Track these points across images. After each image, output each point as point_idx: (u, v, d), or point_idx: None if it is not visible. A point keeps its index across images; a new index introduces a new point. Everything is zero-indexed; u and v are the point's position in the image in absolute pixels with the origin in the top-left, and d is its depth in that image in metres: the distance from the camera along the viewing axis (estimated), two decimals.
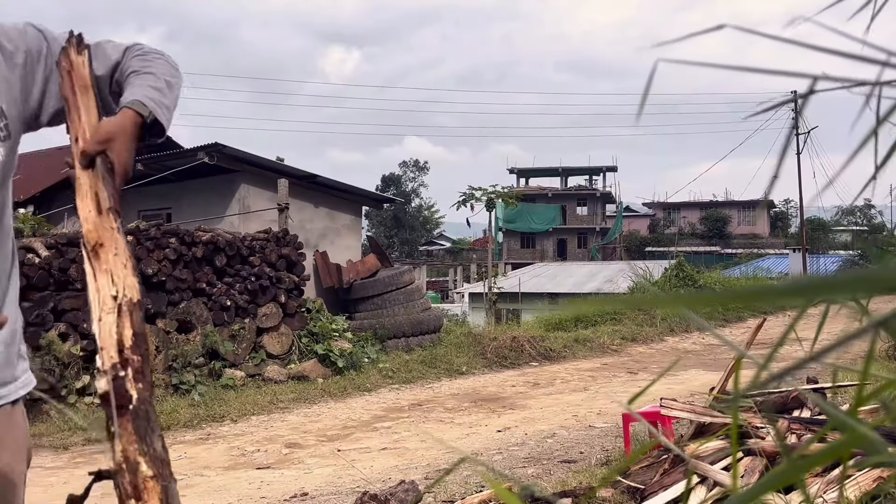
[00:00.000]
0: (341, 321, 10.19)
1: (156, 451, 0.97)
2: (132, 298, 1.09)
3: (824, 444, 0.35)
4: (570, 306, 15.08)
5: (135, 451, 0.95)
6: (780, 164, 0.51)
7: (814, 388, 4.55)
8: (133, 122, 1.29)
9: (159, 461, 0.96)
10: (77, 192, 1.21)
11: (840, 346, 0.33)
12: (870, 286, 0.31)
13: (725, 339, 0.50)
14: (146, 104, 1.33)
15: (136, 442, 0.95)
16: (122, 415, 0.97)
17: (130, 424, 0.97)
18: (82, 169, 1.23)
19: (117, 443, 0.95)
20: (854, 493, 2.69)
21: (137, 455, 0.94)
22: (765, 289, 0.34)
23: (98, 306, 1.07)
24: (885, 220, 45.22)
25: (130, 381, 1.01)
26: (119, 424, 0.96)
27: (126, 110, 1.30)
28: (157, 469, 0.95)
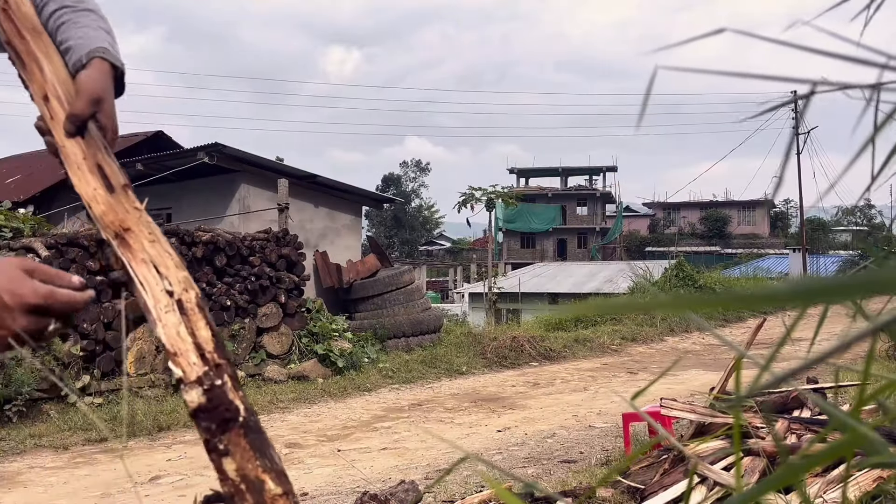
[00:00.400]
0: (341, 321, 10.19)
1: (277, 465, 0.87)
2: (192, 292, 0.93)
3: (825, 445, 0.35)
4: (570, 308, 15.08)
5: (255, 468, 0.84)
6: (785, 168, 0.51)
7: (814, 388, 4.56)
8: (111, 77, 1.08)
9: (283, 476, 0.86)
10: (67, 166, 1.01)
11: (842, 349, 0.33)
12: (869, 288, 0.31)
13: (725, 340, 0.50)
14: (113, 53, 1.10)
15: (255, 458, 0.85)
16: (231, 429, 0.86)
17: (244, 439, 0.86)
18: (69, 136, 1.01)
19: (229, 461, 0.84)
20: (854, 493, 2.69)
21: (260, 472, 0.84)
22: (766, 292, 0.34)
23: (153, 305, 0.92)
24: (885, 220, 45.23)
25: (231, 390, 0.88)
26: (229, 441, 0.85)
27: (100, 62, 1.07)
28: (284, 485, 0.85)
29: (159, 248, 0.96)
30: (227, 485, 0.84)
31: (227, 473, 0.84)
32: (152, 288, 0.93)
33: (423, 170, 57.66)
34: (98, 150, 1.00)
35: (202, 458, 4.23)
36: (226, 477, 0.84)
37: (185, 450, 6.03)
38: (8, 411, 6.57)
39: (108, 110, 1.05)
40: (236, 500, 0.83)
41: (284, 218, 10.12)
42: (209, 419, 0.86)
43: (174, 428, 6.78)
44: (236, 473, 0.84)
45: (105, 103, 1.04)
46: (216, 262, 8.71)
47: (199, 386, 0.87)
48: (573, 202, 49.31)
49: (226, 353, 0.91)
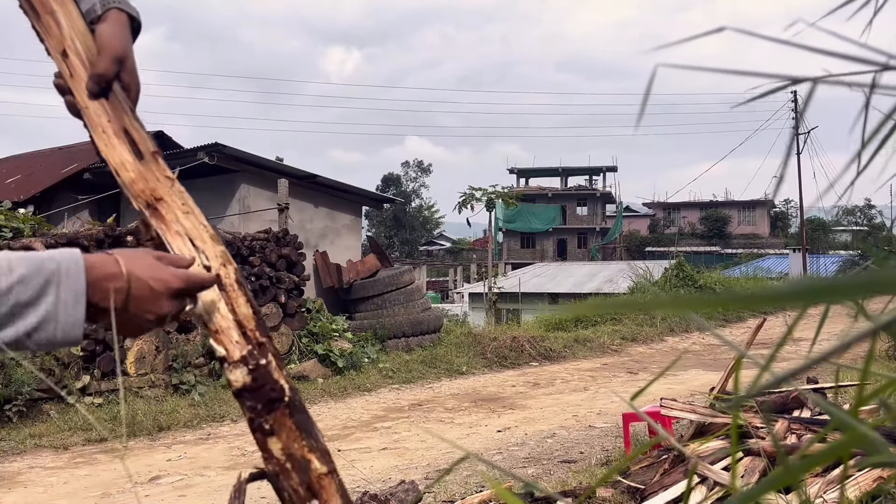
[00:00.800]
0: (341, 321, 10.19)
1: (322, 444, 0.86)
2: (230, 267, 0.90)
3: (825, 444, 0.35)
4: (570, 308, 15.09)
5: (301, 447, 0.84)
6: (785, 167, 0.51)
7: (814, 388, 4.56)
8: (129, 29, 1.00)
9: (327, 454, 0.86)
10: (91, 129, 0.94)
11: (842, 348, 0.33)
12: (870, 288, 0.31)
13: (726, 340, 0.50)
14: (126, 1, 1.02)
15: (302, 438, 0.84)
16: (276, 409, 0.84)
17: (290, 419, 0.84)
18: (92, 98, 0.94)
19: (274, 441, 0.83)
20: (854, 493, 2.69)
21: (306, 452, 0.84)
22: (766, 291, 0.34)
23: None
24: (885, 220, 45.21)
25: (276, 370, 0.86)
26: (275, 421, 0.84)
27: (117, 13, 0.99)
28: (329, 464, 0.85)
29: (194, 219, 0.92)
30: (272, 463, 0.83)
31: (273, 453, 0.83)
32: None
33: (424, 170, 57.68)
34: (124, 113, 0.94)
35: (202, 458, 4.26)
36: (271, 456, 0.84)
37: (185, 450, 6.03)
38: (8, 411, 6.57)
39: (130, 67, 0.98)
40: (281, 478, 0.83)
41: (284, 218, 10.12)
42: (254, 399, 0.85)
43: (174, 428, 6.78)
44: (282, 453, 0.83)
45: (128, 60, 0.97)
46: None
47: (243, 365, 0.85)
48: (573, 202, 49.30)
49: (267, 331, 0.89)
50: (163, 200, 0.91)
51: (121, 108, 0.94)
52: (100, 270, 0.81)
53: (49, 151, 17.71)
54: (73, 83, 0.94)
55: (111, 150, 0.92)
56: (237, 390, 0.86)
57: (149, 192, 0.91)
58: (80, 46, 0.94)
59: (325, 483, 0.83)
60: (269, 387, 0.85)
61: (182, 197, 0.93)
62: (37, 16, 0.95)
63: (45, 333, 0.77)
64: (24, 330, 0.76)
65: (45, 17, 0.94)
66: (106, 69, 0.94)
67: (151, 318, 0.84)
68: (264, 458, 0.84)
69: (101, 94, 0.94)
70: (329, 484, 0.83)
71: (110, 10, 0.98)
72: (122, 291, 0.81)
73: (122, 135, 0.93)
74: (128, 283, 0.81)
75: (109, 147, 0.92)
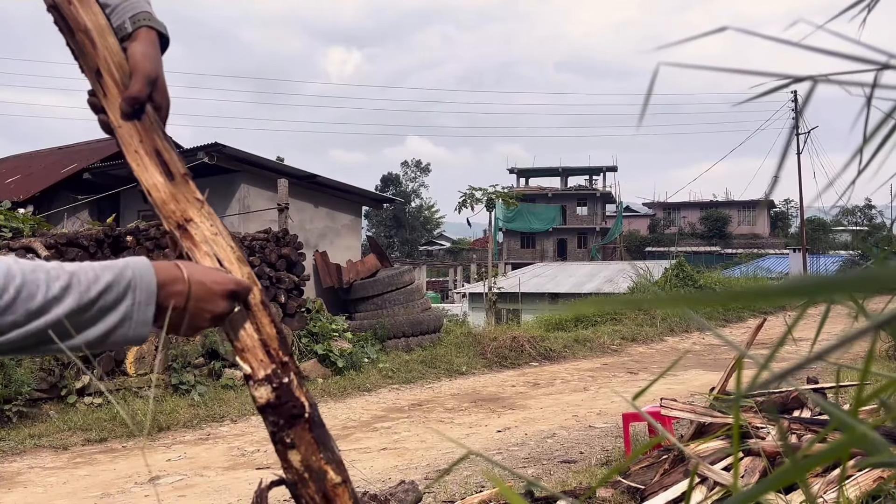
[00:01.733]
0: (341, 321, 10.19)
1: (337, 456, 0.93)
2: (255, 288, 0.94)
3: (825, 444, 0.35)
4: (570, 307, 15.09)
5: (318, 459, 0.91)
6: (781, 165, 0.51)
7: (814, 388, 4.55)
8: (159, 48, 1.00)
9: (341, 465, 0.93)
10: (124, 148, 0.95)
11: (841, 347, 0.33)
12: (869, 286, 0.31)
13: (726, 339, 0.50)
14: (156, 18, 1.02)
15: (319, 451, 0.91)
16: (297, 424, 0.90)
17: (309, 434, 0.91)
18: (125, 118, 0.95)
19: (294, 453, 0.89)
20: (854, 493, 2.69)
21: (323, 463, 0.91)
22: (765, 289, 0.34)
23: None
24: (885, 220, 45.19)
25: (297, 388, 0.92)
26: (296, 435, 0.90)
27: (147, 31, 0.99)
28: (343, 474, 0.92)
29: (222, 241, 0.96)
30: (291, 473, 0.89)
31: (292, 463, 0.89)
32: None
33: (424, 170, 57.67)
34: (156, 134, 0.96)
35: (202, 458, 4.26)
36: (290, 466, 0.89)
37: (185, 450, 6.03)
38: (8, 411, 6.57)
39: (162, 88, 0.99)
40: (299, 487, 0.89)
41: (284, 218, 10.12)
42: (277, 414, 0.90)
43: (174, 428, 6.78)
44: (301, 464, 0.89)
45: (160, 80, 0.98)
46: None
47: (267, 384, 0.90)
48: (573, 202, 49.30)
49: (289, 349, 0.93)
50: (193, 221, 0.95)
51: (153, 130, 0.96)
52: (166, 274, 0.88)
53: (49, 151, 17.71)
54: (107, 103, 0.95)
55: (143, 172, 0.95)
56: (261, 406, 0.90)
57: (179, 214, 0.95)
58: (114, 66, 0.95)
59: (339, 492, 0.90)
60: (290, 404, 0.90)
61: (211, 218, 0.97)
62: (71, 33, 0.95)
63: (121, 332, 0.85)
64: (104, 329, 0.84)
65: (78, 35, 0.94)
66: (139, 91, 0.95)
67: (208, 317, 0.90)
68: (284, 467, 0.90)
69: (135, 116, 0.95)
70: (343, 492, 0.90)
71: (141, 28, 0.99)
72: (183, 294, 0.88)
73: (154, 156, 0.95)
74: (189, 285, 0.88)
75: (142, 168, 0.95)
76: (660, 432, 0.50)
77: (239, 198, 11.68)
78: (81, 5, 0.94)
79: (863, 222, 46.90)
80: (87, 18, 0.94)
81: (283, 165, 12.64)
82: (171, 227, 0.95)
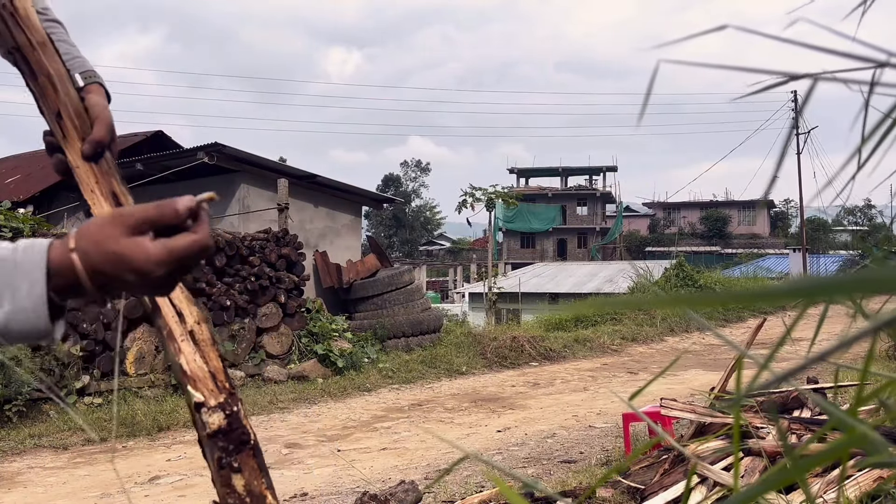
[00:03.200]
0: (341, 321, 10.19)
1: (271, 483, 0.97)
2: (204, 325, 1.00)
3: (825, 444, 0.35)
4: (570, 307, 15.09)
5: (260, 484, 0.95)
6: (780, 164, 0.51)
7: (814, 387, 4.55)
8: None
9: (274, 491, 0.98)
10: (82, 187, 1.00)
11: (842, 347, 0.33)
12: (868, 286, 0.31)
13: (726, 339, 0.50)
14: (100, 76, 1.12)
15: (262, 476, 0.96)
16: (244, 451, 0.95)
17: (253, 460, 0.96)
18: (86, 160, 1.01)
19: (238, 478, 0.94)
20: (854, 493, 2.69)
21: (263, 488, 0.95)
22: (765, 289, 0.34)
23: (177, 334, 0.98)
24: (885, 220, 45.19)
25: (244, 416, 0.97)
26: (241, 461, 0.95)
27: (98, 87, 1.08)
28: (276, 501, 0.97)
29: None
30: (234, 498, 0.94)
31: (236, 488, 0.94)
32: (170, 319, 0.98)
33: (424, 170, 57.68)
34: (113, 178, 1.02)
35: (202, 458, 4.20)
36: (233, 491, 0.94)
37: (185, 450, 6.03)
38: (8, 411, 6.57)
39: (115, 137, 1.06)
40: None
41: (284, 218, 10.12)
42: (227, 440, 0.95)
43: (174, 428, 6.77)
44: (244, 489, 0.94)
45: (114, 130, 1.05)
46: (216, 262, 8.70)
47: (220, 411, 0.95)
48: (573, 202, 49.30)
49: (232, 382, 1.00)
50: None
51: (109, 173, 1.02)
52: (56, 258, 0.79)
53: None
54: (66, 143, 1.02)
55: (99, 209, 1.00)
56: (212, 432, 0.95)
57: None
58: (73, 111, 1.02)
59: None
60: (240, 430, 0.96)
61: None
62: (33, 77, 1.00)
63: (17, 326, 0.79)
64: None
65: (41, 79, 1.00)
66: (103, 136, 1.02)
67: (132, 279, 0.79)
68: (225, 493, 0.94)
69: (95, 159, 1.01)
70: None
71: (94, 84, 1.08)
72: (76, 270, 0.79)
73: (111, 198, 1.01)
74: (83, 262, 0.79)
75: (98, 206, 1.00)
76: (658, 433, 0.50)
77: (239, 198, 11.67)
78: (45, 53, 1.00)
79: (863, 222, 46.90)
80: (50, 65, 1.01)
81: (283, 165, 12.65)
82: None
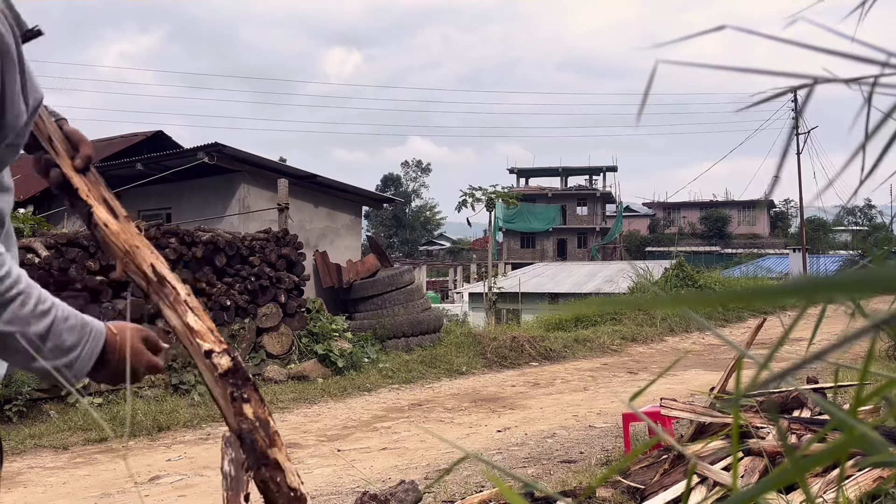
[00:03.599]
0: (341, 321, 10.19)
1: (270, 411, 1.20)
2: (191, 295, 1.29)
3: (825, 444, 0.35)
4: (570, 307, 15.09)
5: (263, 411, 1.16)
6: (781, 165, 0.51)
7: (814, 387, 4.55)
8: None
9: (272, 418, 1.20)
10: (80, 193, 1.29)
11: (842, 346, 0.33)
12: (869, 286, 0.31)
13: (727, 339, 0.50)
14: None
15: (263, 405, 1.17)
16: (248, 385, 1.17)
17: (255, 393, 1.17)
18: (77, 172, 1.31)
19: (248, 407, 1.15)
20: (854, 492, 2.69)
21: (266, 414, 1.17)
22: (765, 289, 0.34)
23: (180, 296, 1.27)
24: (885, 220, 45.19)
25: (241, 359, 1.23)
26: (248, 393, 1.17)
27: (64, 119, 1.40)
28: (275, 424, 1.19)
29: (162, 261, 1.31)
30: (248, 423, 1.15)
31: (247, 415, 1.15)
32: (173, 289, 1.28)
33: (424, 170, 57.68)
34: (101, 187, 1.33)
35: (202, 458, 4.24)
36: (246, 417, 1.15)
37: (185, 450, 6.03)
38: (8, 411, 6.57)
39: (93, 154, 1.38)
40: (255, 434, 1.14)
41: (284, 218, 10.12)
42: (235, 378, 1.18)
43: (174, 428, 6.77)
44: (253, 415, 1.16)
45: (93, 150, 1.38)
46: (216, 262, 8.70)
47: (227, 355, 1.20)
48: (573, 202, 49.29)
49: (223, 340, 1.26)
50: (138, 247, 1.30)
51: (97, 183, 1.33)
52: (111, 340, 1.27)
53: None
54: (59, 160, 1.32)
55: (97, 209, 1.30)
56: (223, 372, 1.18)
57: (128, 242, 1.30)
58: (56, 137, 1.33)
59: (277, 437, 1.17)
60: (243, 370, 1.19)
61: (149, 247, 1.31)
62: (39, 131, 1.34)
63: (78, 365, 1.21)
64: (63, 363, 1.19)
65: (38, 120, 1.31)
66: (90, 153, 1.34)
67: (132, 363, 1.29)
68: (239, 420, 1.15)
69: (85, 171, 1.33)
70: (279, 438, 1.17)
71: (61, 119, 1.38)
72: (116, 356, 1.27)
73: (103, 202, 1.31)
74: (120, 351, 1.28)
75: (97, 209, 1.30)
76: (658, 433, 0.50)
77: (239, 198, 11.67)
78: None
79: (863, 222, 46.89)
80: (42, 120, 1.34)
81: (283, 165, 12.64)
82: (119, 252, 1.28)
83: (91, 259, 7.52)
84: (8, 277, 1.10)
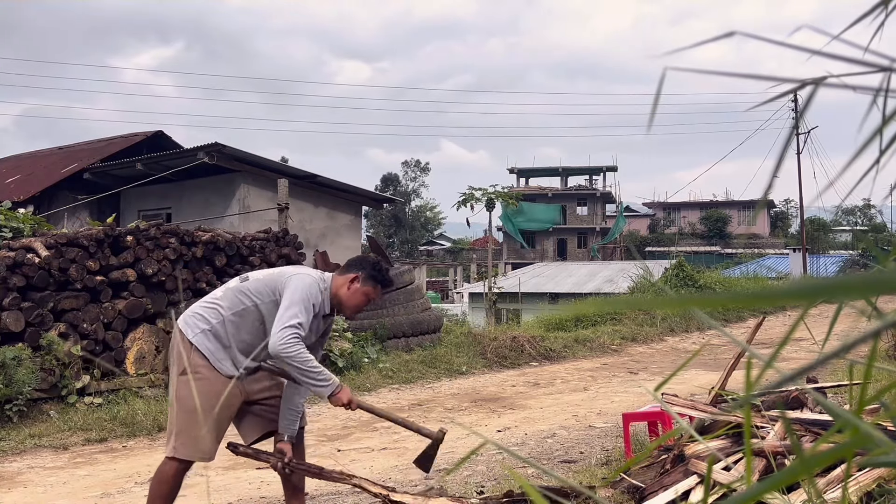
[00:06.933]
0: (341, 321, 10.18)
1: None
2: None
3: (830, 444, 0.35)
4: (570, 307, 15.08)
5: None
6: (779, 164, 0.51)
7: (814, 387, 4.56)
8: None
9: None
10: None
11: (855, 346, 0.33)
12: (871, 288, 0.31)
13: (732, 338, 0.51)
14: None
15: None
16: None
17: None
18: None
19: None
20: (855, 492, 2.69)
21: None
22: (766, 290, 0.34)
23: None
24: (885, 220, 45.20)
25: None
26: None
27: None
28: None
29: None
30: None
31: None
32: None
33: (424, 170, 57.68)
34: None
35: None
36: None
37: None
38: (8, 411, 6.57)
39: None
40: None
41: (284, 218, 10.12)
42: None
43: None
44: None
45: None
46: (216, 262, 8.70)
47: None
48: (573, 202, 49.28)
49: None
50: None
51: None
52: (340, 393, 3.42)
53: (49, 151, 17.70)
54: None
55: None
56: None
57: None
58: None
59: None
60: None
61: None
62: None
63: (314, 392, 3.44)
64: (310, 388, 3.42)
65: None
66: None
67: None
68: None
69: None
70: None
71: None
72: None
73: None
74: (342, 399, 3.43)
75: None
76: (676, 423, 0.50)
77: (239, 198, 11.67)
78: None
79: (862, 222, 46.88)
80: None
81: (283, 165, 12.66)
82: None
83: (91, 259, 7.51)
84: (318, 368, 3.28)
